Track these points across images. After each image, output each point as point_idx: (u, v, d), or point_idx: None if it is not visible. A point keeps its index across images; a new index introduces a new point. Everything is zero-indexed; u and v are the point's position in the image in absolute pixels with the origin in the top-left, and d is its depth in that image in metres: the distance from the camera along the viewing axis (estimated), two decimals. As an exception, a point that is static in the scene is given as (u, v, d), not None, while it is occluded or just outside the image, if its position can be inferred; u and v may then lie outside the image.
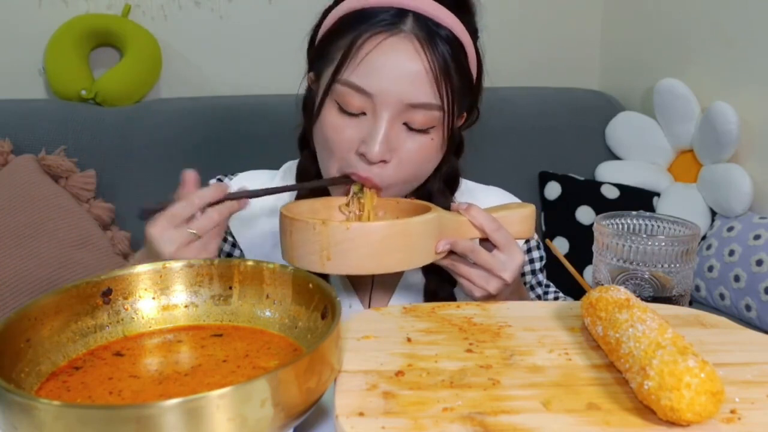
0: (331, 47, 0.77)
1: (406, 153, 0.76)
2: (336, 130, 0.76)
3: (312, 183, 0.81)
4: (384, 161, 0.75)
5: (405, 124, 0.75)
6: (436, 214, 0.71)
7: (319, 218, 0.70)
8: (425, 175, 0.81)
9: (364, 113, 0.75)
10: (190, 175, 0.71)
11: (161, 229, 0.67)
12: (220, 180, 0.93)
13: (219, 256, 0.90)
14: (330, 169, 0.79)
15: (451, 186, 0.88)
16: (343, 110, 0.75)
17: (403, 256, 0.68)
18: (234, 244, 0.90)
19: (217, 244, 0.71)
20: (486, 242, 0.74)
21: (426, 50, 0.72)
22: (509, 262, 0.73)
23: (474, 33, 0.80)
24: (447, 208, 0.86)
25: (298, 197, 0.86)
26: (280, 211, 0.71)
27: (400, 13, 0.73)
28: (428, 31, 0.73)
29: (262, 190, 0.74)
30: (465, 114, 0.84)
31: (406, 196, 0.85)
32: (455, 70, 0.75)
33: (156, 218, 0.67)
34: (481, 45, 0.82)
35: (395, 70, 0.72)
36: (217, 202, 0.69)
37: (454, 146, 0.85)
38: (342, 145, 0.76)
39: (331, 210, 0.80)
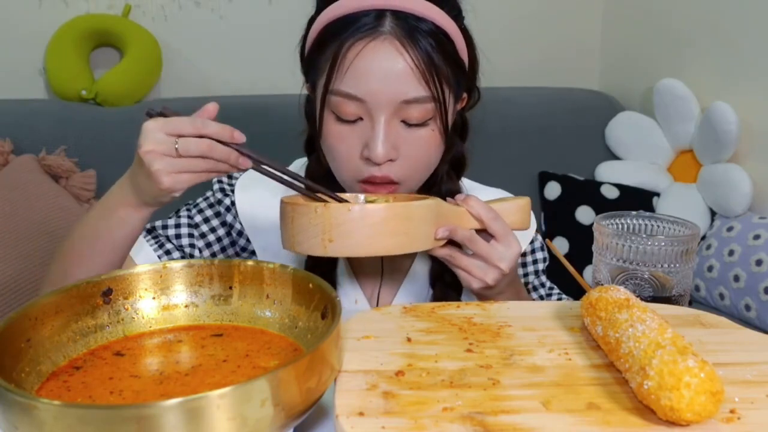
0: (318, 58, 0.78)
1: (410, 148, 0.77)
2: (338, 140, 0.77)
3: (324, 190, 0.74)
4: (391, 160, 0.76)
5: (403, 121, 0.76)
6: (435, 201, 0.71)
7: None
8: (434, 163, 0.82)
9: (361, 118, 0.76)
10: (211, 106, 0.69)
11: (153, 128, 0.65)
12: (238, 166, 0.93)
13: (232, 255, 0.91)
14: (342, 177, 0.80)
15: (458, 169, 0.89)
16: (341, 119, 0.76)
17: (403, 240, 0.68)
18: (248, 240, 0.91)
19: (187, 182, 0.67)
20: (483, 233, 0.75)
21: (408, 48, 0.73)
22: (506, 252, 0.73)
23: (458, 15, 0.80)
24: (454, 191, 0.87)
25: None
26: (281, 200, 0.71)
27: (379, 15, 0.74)
28: (408, 29, 0.74)
29: (273, 166, 0.71)
30: (465, 96, 0.85)
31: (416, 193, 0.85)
32: (442, 60, 0.75)
33: (158, 119, 0.67)
34: (468, 24, 0.82)
35: (381, 72, 0.73)
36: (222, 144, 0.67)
37: (458, 129, 0.86)
38: (347, 153, 0.77)
39: None
